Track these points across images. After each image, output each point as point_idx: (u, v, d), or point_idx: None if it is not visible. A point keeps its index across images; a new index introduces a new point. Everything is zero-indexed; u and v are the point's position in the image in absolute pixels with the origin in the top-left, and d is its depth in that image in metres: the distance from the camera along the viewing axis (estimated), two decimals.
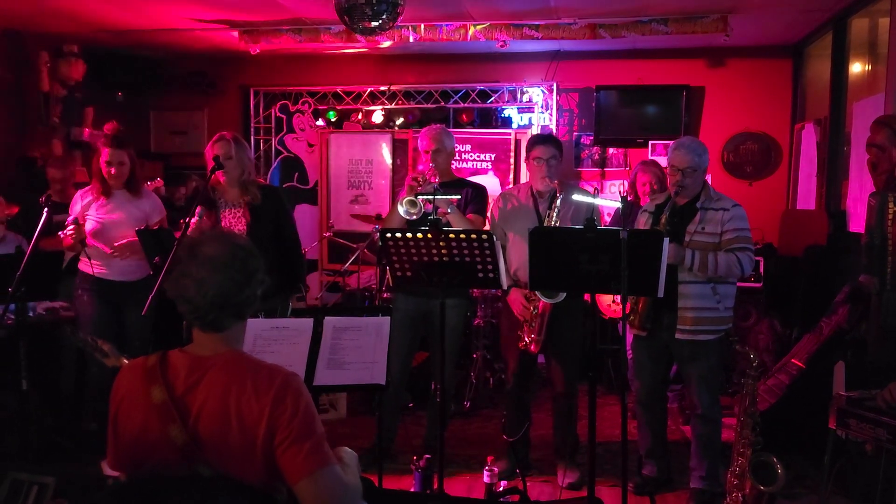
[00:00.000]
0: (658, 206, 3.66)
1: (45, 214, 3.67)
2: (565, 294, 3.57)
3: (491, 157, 6.42)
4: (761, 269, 5.27)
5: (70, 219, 3.94)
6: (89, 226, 4.00)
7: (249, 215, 3.75)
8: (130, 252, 3.93)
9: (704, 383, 3.53)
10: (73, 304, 4.10)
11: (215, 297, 1.69)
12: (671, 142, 3.78)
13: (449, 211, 3.71)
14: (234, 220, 3.77)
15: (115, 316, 4.05)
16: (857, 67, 5.04)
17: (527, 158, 3.87)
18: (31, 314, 4.00)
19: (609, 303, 4.88)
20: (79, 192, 4.11)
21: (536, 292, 3.60)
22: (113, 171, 3.94)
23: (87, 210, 4.04)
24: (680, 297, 3.46)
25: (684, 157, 3.48)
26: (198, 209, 3.54)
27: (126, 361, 2.79)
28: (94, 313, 4.00)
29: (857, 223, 4.40)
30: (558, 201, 3.66)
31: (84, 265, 4.01)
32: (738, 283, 3.66)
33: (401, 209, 3.68)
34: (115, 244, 3.93)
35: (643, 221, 3.69)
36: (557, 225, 3.63)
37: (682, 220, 3.52)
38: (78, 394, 4.47)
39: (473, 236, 2.94)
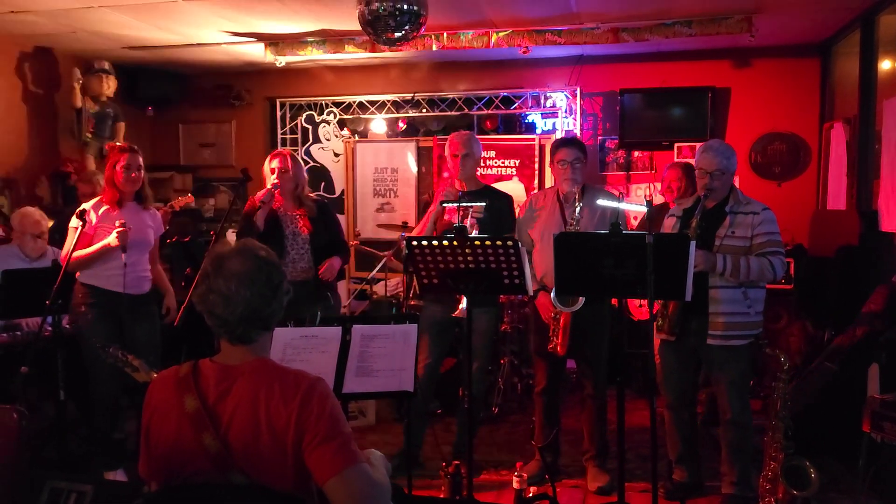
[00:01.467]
0: (686, 210, 3.64)
1: (79, 228, 3.76)
2: (583, 302, 3.57)
3: (515, 164, 6.43)
4: (792, 271, 5.21)
5: (119, 222, 3.77)
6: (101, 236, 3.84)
7: (311, 225, 3.98)
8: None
9: (735, 389, 3.50)
10: (75, 320, 3.89)
11: (244, 311, 1.73)
12: (697, 144, 3.77)
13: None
14: (297, 231, 3.99)
15: (119, 330, 3.84)
16: (886, 65, 4.97)
17: (551, 162, 3.88)
18: (66, 326, 4.08)
19: (639, 304, 4.86)
20: (90, 205, 3.91)
21: (555, 302, 3.60)
22: (133, 175, 3.90)
23: (103, 221, 3.88)
24: (711, 302, 3.43)
25: (713, 160, 3.46)
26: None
27: (156, 375, 2.84)
28: (97, 329, 3.80)
29: (890, 222, 4.34)
30: (579, 206, 3.66)
31: (86, 277, 3.84)
32: (769, 286, 3.62)
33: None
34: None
35: (670, 225, 3.67)
36: (578, 228, 3.63)
37: (712, 225, 3.49)
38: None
39: (499, 243, 2.96)
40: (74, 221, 3.80)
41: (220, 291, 1.72)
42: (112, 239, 3.74)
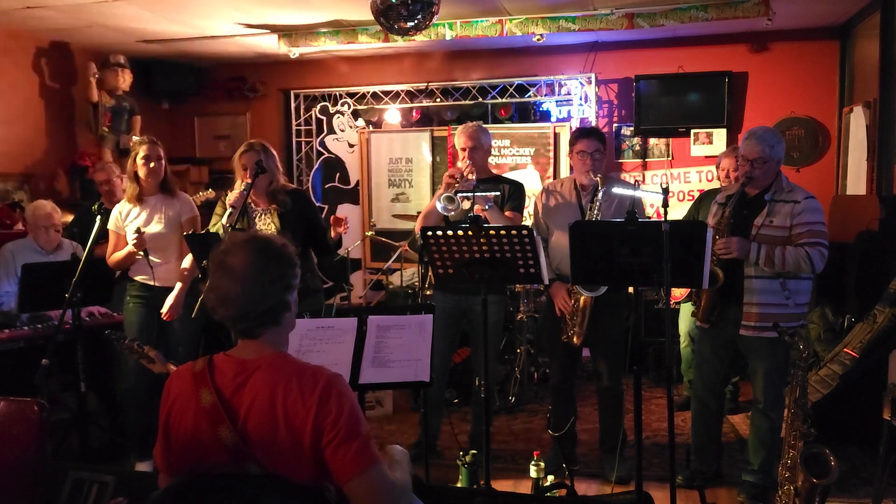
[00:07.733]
0: (728, 196, 3.57)
1: (98, 222, 3.78)
2: (606, 288, 3.55)
3: (530, 153, 6.41)
4: None
5: (133, 228, 3.85)
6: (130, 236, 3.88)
7: (279, 222, 3.78)
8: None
9: (770, 380, 3.44)
10: (123, 313, 4.05)
11: (240, 308, 1.73)
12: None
13: (487, 207, 3.73)
14: (265, 228, 3.81)
15: (158, 323, 3.97)
16: None
17: (570, 152, 3.86)
18: (86, 318, 4.12)
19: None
20: (117, 208, 4.00)
21: (577, 287, 3.59)
22: (153, 165, 3.91)
23: (126, 219, 3.94)
24: (746, 292, 3.38)
25: (755, 148, 3.37)
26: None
27: (173, 367, 2.86)
28: (138, 321, 3.95)
29: None
30: (600, 195, 3.63)
31: (133, 273, 3.97)
32: None
33: (439, 205, 3.73)
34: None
35: (713, 213, 3.62)
36: (599, 218, 3.60)
37: (750, 213, 3.42)
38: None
39: (514, 232, 2.95)
40: (110, 223, 3.96)
41: (218, 289, 1.73)
42: (130, 246, 3.80)
